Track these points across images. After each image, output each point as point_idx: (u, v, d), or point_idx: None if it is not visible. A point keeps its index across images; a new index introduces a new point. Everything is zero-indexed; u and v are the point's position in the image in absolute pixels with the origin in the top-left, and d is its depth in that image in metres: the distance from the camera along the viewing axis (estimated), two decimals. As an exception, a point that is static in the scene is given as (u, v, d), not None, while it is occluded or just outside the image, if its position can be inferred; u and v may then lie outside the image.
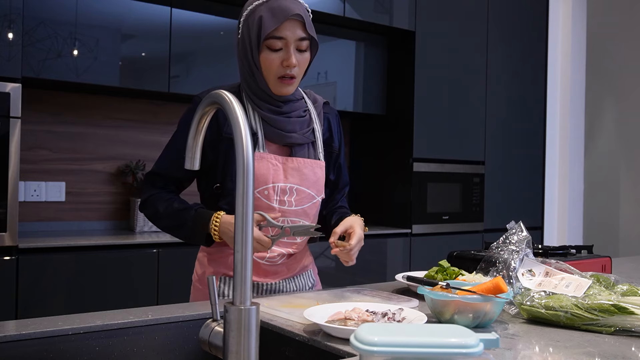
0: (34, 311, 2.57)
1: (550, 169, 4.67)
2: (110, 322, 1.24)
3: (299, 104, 1.64)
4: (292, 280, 1.67)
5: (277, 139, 1.58)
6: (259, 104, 1.58)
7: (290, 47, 1.52)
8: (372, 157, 4.14)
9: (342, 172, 1.77)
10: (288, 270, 1.66)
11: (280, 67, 1.52)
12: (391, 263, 3.78)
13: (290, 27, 1.50)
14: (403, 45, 3.96)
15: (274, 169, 1.56)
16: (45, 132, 3.19)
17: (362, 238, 1.54)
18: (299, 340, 1.19)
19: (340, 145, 1.74)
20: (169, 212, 1.56)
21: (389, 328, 0.88)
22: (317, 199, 1.63)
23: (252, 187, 0.89)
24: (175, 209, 1.56)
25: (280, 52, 1.52)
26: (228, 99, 0.93)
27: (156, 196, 1.59)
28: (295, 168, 1.58)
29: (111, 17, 3.03)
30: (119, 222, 3.38)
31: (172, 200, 1.58)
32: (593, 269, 1.69)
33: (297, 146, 1.60)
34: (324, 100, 1.73)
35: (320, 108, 1.70)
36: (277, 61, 1.52)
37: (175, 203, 1.58)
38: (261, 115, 1.57)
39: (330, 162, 1.70)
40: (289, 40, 1.51)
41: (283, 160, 1.58)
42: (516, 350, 1.11)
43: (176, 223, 1.56)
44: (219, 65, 3.35)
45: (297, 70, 1.55)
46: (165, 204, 1.58)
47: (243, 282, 0.87)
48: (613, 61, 5.23)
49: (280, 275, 1.64)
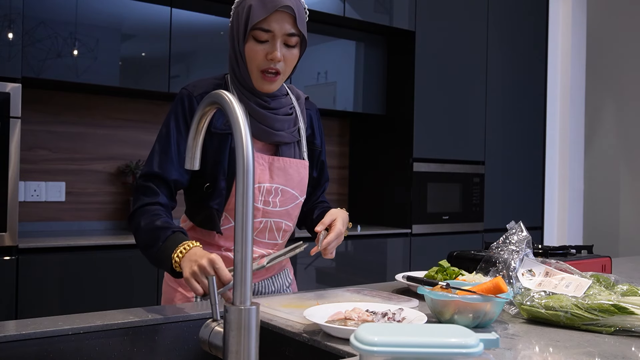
0: (34, 311, 2.57)
1: (550, 169, 4.67)
2: (110, 322, 1.24)
3: (285, 100, 1.59)
4: (270, 280, 1.67)
5: (264, 137, 1.54)
6: (246, 95, 1.52)
7: (277, 40, 1.46)
8: (372, 157, 4.14)
9: (324, 169, 1.75)
10: (267, 271, 1.65)
11: (264, 60, 1.47)
12: (391, 263, 3.78)
13: (279, 20, 1.45)
14: (403, 45, 3.96)
15: (260, 169, 1.53)
16: (45, 132, 3.19)
17: (341, 233, 1.51)
18: (299, 340, 1.19)
19: (322, 141, 1.71)
20: (149, 227, 1.41)
21: (389, 328, 0.88)
22: (300, 199, 1.62)
23: (252, 187, 0.88)
24: (154, 226, 1.41)
25: (265, 45, 1.47)
26: (228, 99, 0.93)
27: (143, 209, 1.45)
28: (281, 168, 1.55)
29: (111, 17, 3.03)
30: (119, 222, 3.38)
31: (156, 217, 1.43)
32: (593, 269, 1.68)
33: (283, 145, 1.57)
34: (305, 96, 1.69)
35: (303, 105, 1.67)
36: (261, 53, 1.47)
37: (158, 221, 1.42)
38: (249, 109, 1.52)
39: (313, 160, 1.68)
40: (276, 33, 1.45)
41: (270, 160, 1.54)
42: (516, 350, 1.10)
43: (150, 241, 1.41)
44: (219, 65, 3.35)
45: (281, 66, 1.49)
46: (148, 219, 1.43)
47: (243, 282, 0.87)
48: (613, 61, 5.23)
49: (258, 276, 1.64)
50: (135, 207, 1.48)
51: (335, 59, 3.80)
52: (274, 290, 1.68)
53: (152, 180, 1.49)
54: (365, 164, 4.18)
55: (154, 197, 1.47)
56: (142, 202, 1.47)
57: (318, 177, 1.73)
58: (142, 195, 1.48)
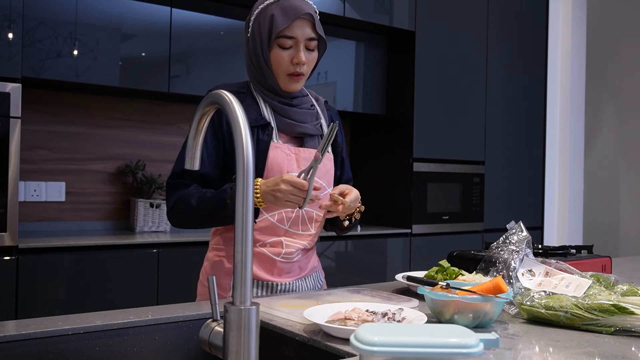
0: (34, 311, 2.57)
1: (550, 169, 4.67)
2: (110, 322, 1.24)
3: (306, 99, 1.70)
4: (304, 280, 1.69)
5: (289, 130, 1.62)
6: (269, 96, 1.62)
7: (300, 45, 1.57)
8: (372, 157, 4.14)
9: (346, 167, 1.82)
10: (300, 269, 1.67)
11: (290, 64, 1.57)
12: (391, 263, 3.78)
13: (300, 26, 1.56)
14: (403, 45, 3.96)
15: (288, 159, 1.58)
16: (45, 132, 3.19)
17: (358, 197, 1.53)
18: (299, 340, 1.19)
19: (343, 141, 1.79)
20: (203, 201, 1.50)
21: (389, 328, 0.88)
22: (328, 190, 1.64)
23: (252, 187, 0.89)
24: (208, 197, 1.50)
25: (290, 50, 1.57)
26: (228, 98, 0.93)
27: (183, 194, 1.54)
28: (307, 158, 1.61)
29: (111, 17, 3.03)
30: (119, 222, 3.38)
31: (204, 192, 1.52)
32: (593, 269, 1.69)
33: (308, 137, 1.64)
34: (324, 100, 1.79)
35: (323, 106, 1.76)
36: (287, 59, 1.57)
37: (207, 193, 1.52)
38: (272, 106, 1.61)
39: (336, 157, 1.74)
40: (299, 38, 1.57)
41: (296, 150, 1.61)
42: (516, 350, 1.10)
43: (213, 209, 1.50)
44: (219, 65, 3.35)
45: (305, 68, 1.59)
46: (196, 196, 1.52)
47: (243, 282, 0.87)
48: (613, 61, 5.23)
49: (293, 275, 1.65)
50: (173, 200, 1.55)
51: (335, 59, 3.80)
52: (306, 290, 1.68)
53: (181, 177, 1.56)
54: (365, 164, 4.18)
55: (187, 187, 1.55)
56: (178, 194, 1.55)
57: (340, 175, 1.79)
58: (174, 191, 1.56)
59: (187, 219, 1.57)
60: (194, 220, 1.56)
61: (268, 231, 1.59)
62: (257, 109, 1.60)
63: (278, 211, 1.58)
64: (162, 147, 3.51)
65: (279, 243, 1.60)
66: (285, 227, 1.60)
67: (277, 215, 1.58)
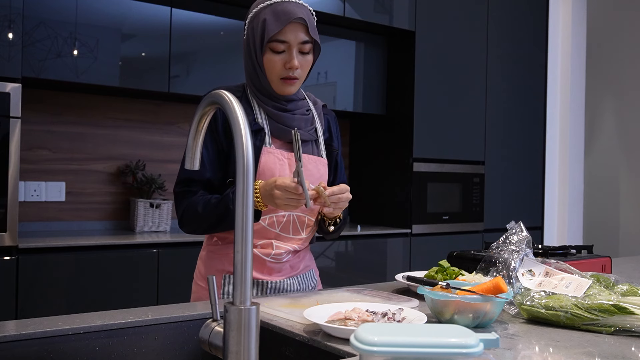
0: (34, 311, 2.57)
1: (550, 169, 4.67)
2: (110, 322, 1.24)
3: (302, 103, 1.68)
4: (295, 279, 1.68)
5: (282, 136, 1.61)
6: (264, 100, 1.61)
7: (293, 49, 1.55)
8: (372, 157, 4.14)
9: (339, 171, 1.80)
10: (292, 268, 1.67)
11: (283, 69, 1.56)
12: (391, 263, 3.78)
13: (293, 31, 1.54)
14: (403, 45, 3.96)
15: (280, 164, 1.58)
16: (45, 132, 3.19)
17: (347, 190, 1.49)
18: (299, 340, 1.19)
19: (339, 146, 1.78)
20: (209, 209, 1.52)
21: (389, 328, 0.88)
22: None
23: (251, 187, 0.89)
24: (213, 203, 1.53)
25: (283, 55, 1.56)
26: (228, 98, 0.93)
27: (191, 202, 1.55)
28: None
29: (111, 17, 3.03)
30: (119, 222, 3.38)
31: (209, 198, 1.54)
32: (593, 269, 1.69)
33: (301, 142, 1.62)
34: (322, 103, 1.77)
35: (320, 109, 1.74)
36: (279, 63, 1.56)
37: (212, 199, 1.54)
38: (266, 111, 1.61)
39: (330, 162, 1.73)
40: (292, 43, 1.55)
41: (289, 155, 1.60)
42: (516, 350, 1.10)
43: (218, 215, 1.51)
44: (219, 65, 3.35)
45: (299, 72, 1.58)
46: (202, 203, 1.54)
47: (243, 282, 0.87)
48: (613, 61, 5.23)
49: (284, 274, 1.65)
50: (182, 209, 1.57)
51: (335, 59, 3.80)
52: (298, 290, 1.68)
53: (187, 184, 1.58)
54: (365, 164, 4.18)
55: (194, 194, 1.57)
56: (185, 202, 1.57)
57: (334, 179, 1.77)
58: (182, 200, 1.58)
59: (197, 226, 1.59)
60: (204, 228, 1.58)
61: (258, 234, 1.60)
62: (251, 113, 1.60)
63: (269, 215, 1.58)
64: (162, 147, 3.51)
65: (269, 245, 1.61)
66: (276, 230, 1.60)
67: (268, 219, 1.59)
